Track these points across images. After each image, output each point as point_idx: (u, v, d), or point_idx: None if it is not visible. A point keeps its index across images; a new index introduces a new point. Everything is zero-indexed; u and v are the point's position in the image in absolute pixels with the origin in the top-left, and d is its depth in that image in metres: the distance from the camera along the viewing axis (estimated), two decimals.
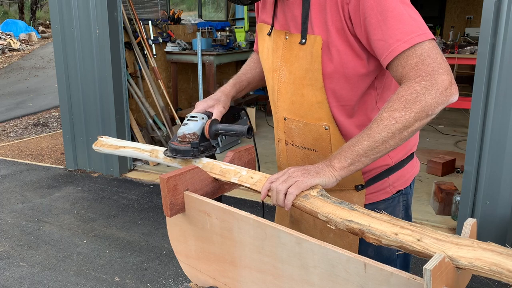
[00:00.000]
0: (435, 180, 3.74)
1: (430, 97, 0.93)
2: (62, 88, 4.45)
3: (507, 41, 2.62)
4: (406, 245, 0.79)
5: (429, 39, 0.97)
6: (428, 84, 0.93)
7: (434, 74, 0.94)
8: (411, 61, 0.96)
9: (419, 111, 0.93)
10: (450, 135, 5.55)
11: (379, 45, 1.00)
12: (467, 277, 0.82)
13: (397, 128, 0.94)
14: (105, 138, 1.45)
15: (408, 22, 0.98)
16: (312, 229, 1.28)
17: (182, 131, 1.20)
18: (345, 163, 0.97)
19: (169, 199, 1.08)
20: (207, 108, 1.30)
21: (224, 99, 1.33)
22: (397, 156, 1.23)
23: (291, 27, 1.17)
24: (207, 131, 1.20)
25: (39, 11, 22.92)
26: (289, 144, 1.27)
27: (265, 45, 1.27)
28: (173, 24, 5.78)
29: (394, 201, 1.27)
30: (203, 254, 1.15)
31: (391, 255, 1.26)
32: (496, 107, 2.71)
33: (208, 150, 1.20)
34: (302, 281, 0.90)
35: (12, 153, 5.28)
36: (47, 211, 3.65)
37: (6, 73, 11.66)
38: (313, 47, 1.10)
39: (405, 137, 0.96)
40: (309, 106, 1.17)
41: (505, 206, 2.81)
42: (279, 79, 1.22)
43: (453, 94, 0.95)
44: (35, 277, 2.74)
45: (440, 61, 0.95)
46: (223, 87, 1.39)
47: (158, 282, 2.67)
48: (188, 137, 1.18)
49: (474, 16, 9.55)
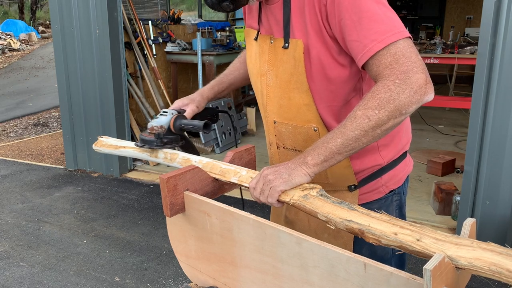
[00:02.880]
0: (435, 180, 3.74)
1: (404, 96, 0.93)
2: (62, 88, 4.45)
3: (507, 41, 2.62)
4: (405, 245, 0.79)
5: (404, 37, 0.97)
6: (402, 83, 0.93)
7: (409, 72, 0.93)
8: (386, 61, 0.96)
9: (392, 109, 0.93)
10: (450, 135, 5.55)
11: (354, 45, 1.01)
12: (466, 277, 0.82)
13: (370, 127, 0.95)
14: (105, 138, 1.45)
15: (382, 21, 0.98)
16: (306, 230, 1.29)
17: (151, 123, 1.29)
18: (318, 160, 0.99)
19: (169, 199, 1.08)
20: (182, 106, 1.37)
21: (199, 99, 1.40)
22: (388, 155, 1.23)
23: (274, 32, 1.18)
24: (172, 125, 1.28)
25: (39, 11, 22.93)
26: (281, 147, 1.28)
27: (253, 50, 1.28)
28: (173, 24, 5.78)
29: (387, 201, 1.27)
30: (203, 254, 1.15)
31: (386, 254, 1.27)
32: (496, 107, 2.71)
33: (173, 142, 1.28)
34: (302, 281, 0.90)
35: (12, 153, 5.28)
36: (47, 211, 3.65)
37: (6, 73, 11.66)
38: (295, 51, 1.11)
39: (379, 135, 0.96)
40: (296, 109, 1.18)
41: (505, 206, 2.81)
42: (267, 83, 1.23)
43: (428, 93, 0.95)
44: (35, 277, 2.74)
45: (414, 59, 0.95)
46: (203, 88, 1.47)
47: (158, 282, 2.67)
48: (155, 129, 1.27)
49: (474, 16, 9.56)
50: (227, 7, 1.14)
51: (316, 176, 1.23)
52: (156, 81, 5.14)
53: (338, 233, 1.23)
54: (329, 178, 1.23)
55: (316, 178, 1.24)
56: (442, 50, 5.67)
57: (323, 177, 1.23)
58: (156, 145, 1.26)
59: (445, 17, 10.18)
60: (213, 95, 1.45)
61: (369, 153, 1.21)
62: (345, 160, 1.18)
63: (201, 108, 1.39)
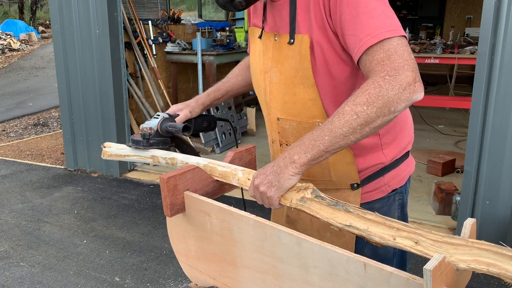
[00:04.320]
0: (435, 180, 3.74)
1: (393, 92, 0.92)
2: (62, 88, 4.45)
3: (507, 41, 2.62)
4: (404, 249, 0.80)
5: (399, 35, 0.97)
6: (392, 79, 0.92)
7: (399, 69, 0.93)
8: (378, 56, 0.96)
9: (381, 106, 0.92)
10: (450, 135, 5.55)
11: (351, 40, 1.02)
12: (466, 277, 0.82)
13: (359, 124, 0.94)
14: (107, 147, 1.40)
15: (379, 17, 0.99)
16: (309, 229, 1.28)
17: (142, 125, 1.34)
18: (305, 159, 0.98)
19: (169, 199, 1.08)
20: (176, 111, 1.40)
21: (193, 105, 1.42)
22: (391, 154, 1.23)
23: (280, 28, 1.19)
24: (159, 127, 1.32)
25: (39, 11, 22.93)
26: (284, 144, 1.28)
27: (257, 48, 1.29)
28: (173, 24, 5.78)
29: (389, 200, 1.27)
30: (203, 254, 1.15)
31: (387, 254, 1.27)
32: (496, 107, 2.71)
33: (160, 144, 1.32)
34: (302, 281, 0.91)
35: (12, 153, 5.28)
36: (47, 211, 3.65)
37: (6, 73, 11.66)
38: (301, 46, 1.12)
39: (367, 133, 0.96)
40: (302, 104, 1.18)
41: (505, 206, 2.81)
42: (270, 80, 1.23)
43: (417, 91, 0.94)
44: (35, 277, 2.74)
45: (407, 57, 0.95)
46: (199, 95, 1.49)
47: (158, 282, 2.67)
48: (145, 130, 1.31)
49: (474, 16, 9.56)
50: (239, 5, 1.14)
51: (319, 175, 1.24)
52: (156, 81, 5.14)
53: (340, 232, 1.23)
54: (332, 176, 1.23)
55: (319, 176, 1.24)
56: (442, 50, 5.67)
57: (326, 175, 1.23)
58: (143, 145, 1.30)
59: (445, 17, 10.18)
60: (210, 101, 1.47)
61: (372, 151, 1.21)
62: (348, 155, 1.18)
63: (194, 113, 1.41)
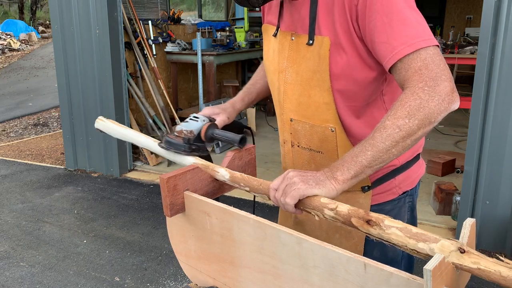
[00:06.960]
0: (435, 180, 3.74)
1: (433, 104, 0.92)
2: (62, 88, 4.45)
3: (507, 41, 2.62)
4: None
5: (433, 45, 0.97)
6: (431, 90, 0.92)
7: (437, 80, 0.93)
8: (415, 65, 0.95)
9: (422, 118, 0.92)
10: (450, 135, 5.55)
11: (382, 48, 0.99)
12: (466, 277, 0.82)
13: (401, 136, 0.93)
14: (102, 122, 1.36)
15: (413, 26, 0.97)
16: (317, 230, 1.27)
17: (180, 127, 1.21)
18: (348, 175, 0.95)
19: (169, 199, 1.08)
20: (212, 115, 1.33)
21: (231, 110, 1.37)
22: (403, 157, 1.22)
23: (298, 28, 1.17)
24: (203, 133, 1.21)
25: (39, 11, 22.93)
26: (295, 145, 1.26)
27: (271, 46, 1.27)
28: (173, 24, 5.78)
29: (400, 202, 1.26)
30: (203, 254, 1.15)
31: (396, 256, 1.26)
32: (496, 107, 2.71)
33: (200, 151, 1.21)
34: (302, 281, 0.90)
35: (12, 153, 5.28)
36: (47, 211, 3.65)
37: (6, 73, 11.66)
38: (320, 48, 1.10)
39: (408, 145, 0.95)
40: (316, 107, 1.16)
41: (505, 206, 2.81)
42: (285, 80, 1.21)
43: (455, 101, 0.95)
44: (35, 277, 2.74)
45: (443, 67, 0.95)
46: (233, 99, 1.43)
47: (158, 282, 2.67)
48: (185, 133, 1.20)
49: (474, 16, 9.55)
50: (256, 3, 1.13)
51: None
52: (156, 81, 5.14)
53: (349, 233, 1.22)
54: None
55: None
56: (442, 50, 5.67)
57: None
58: (184, 150, 1.18)
59: (445, 17, 10.17)
60: (244, 106, 1.43)
61: None
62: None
63: (231, 119, 1.36)
